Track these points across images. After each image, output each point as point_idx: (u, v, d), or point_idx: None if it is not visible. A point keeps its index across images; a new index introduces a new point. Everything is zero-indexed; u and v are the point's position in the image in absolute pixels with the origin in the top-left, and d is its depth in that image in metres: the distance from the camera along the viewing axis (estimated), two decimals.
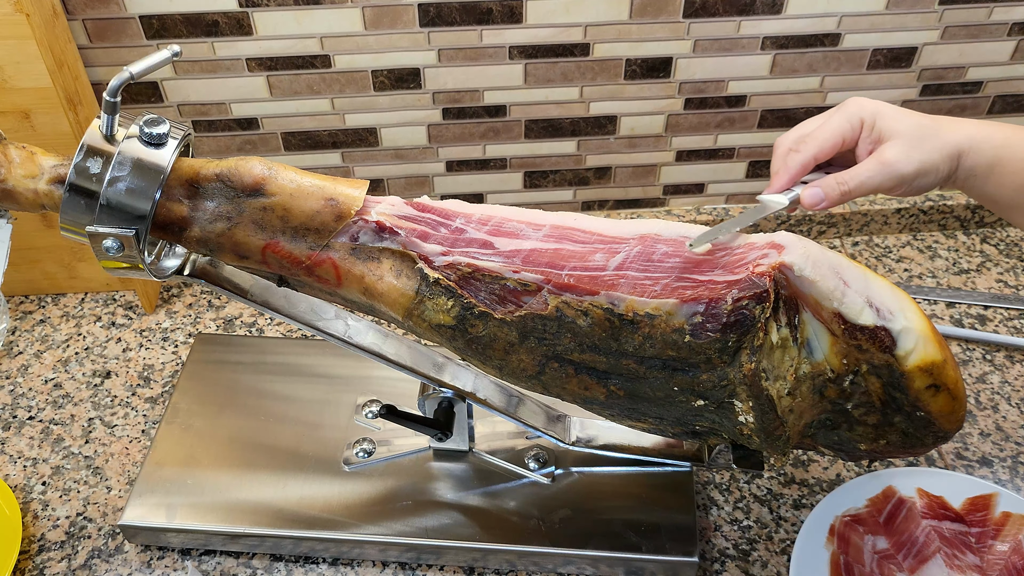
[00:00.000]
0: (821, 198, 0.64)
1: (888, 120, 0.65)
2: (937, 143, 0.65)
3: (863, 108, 0.66)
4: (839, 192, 0.64)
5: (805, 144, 0.66)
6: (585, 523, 0.78)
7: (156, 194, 0.60)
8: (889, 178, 0.64)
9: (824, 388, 0.65)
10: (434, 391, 0.77)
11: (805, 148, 0.65)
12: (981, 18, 0.96)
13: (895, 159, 0.64)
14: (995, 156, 0.65)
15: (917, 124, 0.65)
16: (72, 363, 0.97)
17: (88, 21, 0.90)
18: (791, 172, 0.65)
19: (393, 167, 1.05)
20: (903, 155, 0.64)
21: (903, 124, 0.65)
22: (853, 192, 0.64)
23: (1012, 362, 0.96)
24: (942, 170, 0.65)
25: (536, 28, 0.93)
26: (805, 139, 0.66)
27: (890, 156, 0.64)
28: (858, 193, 0.64)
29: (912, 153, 0.64)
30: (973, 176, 0.66)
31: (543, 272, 0.62)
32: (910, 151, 0.64)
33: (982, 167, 0.65)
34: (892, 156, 0.64)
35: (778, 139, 0.68)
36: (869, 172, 0.64)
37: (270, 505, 0.79)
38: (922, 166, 0.64)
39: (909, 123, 0.65)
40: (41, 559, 0.80)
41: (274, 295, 0.71)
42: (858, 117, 0.65)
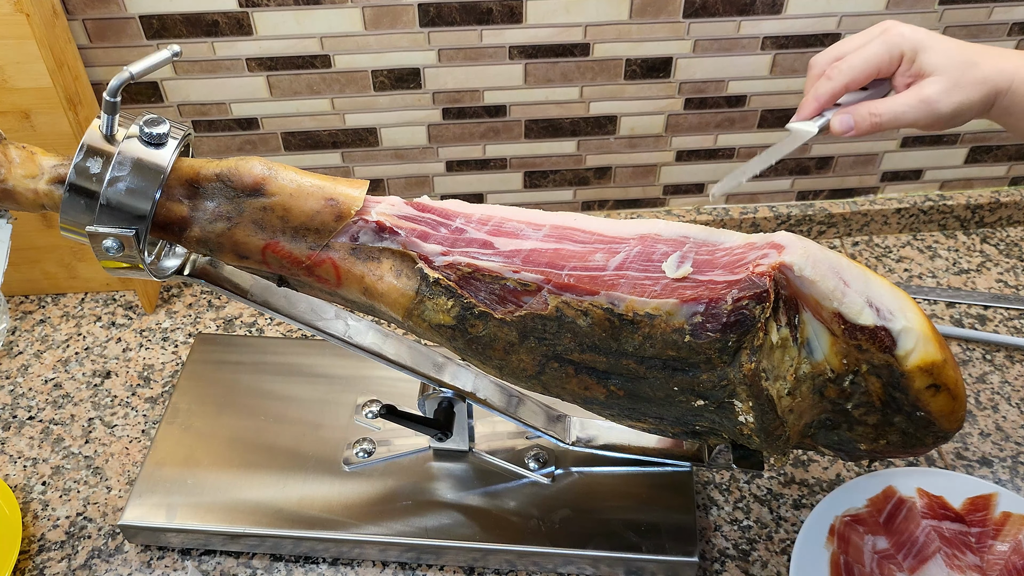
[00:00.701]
0: (851, 126, 0.63)
1: (930, 53, 0.63)
2: (977, 80, 0.63)
3: (904, 38, 0.64)
4: (871, 123, 0.63)
5: (838, 71, 0.64)
6: (585, 523, 0.78)
7: (156, 194, 0.60)
8: (926, 115, 0.63)
9: (824, 388, 0.65)
10: (434, 391, 0.77)
11: (837, 76, 0.64)
12: (981, 18, 0.96)
13: (936, 97, 0.62)
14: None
15: (960, 60, 0.63)
16: (72, 363, 0.97)
17: (88, 21, 0.90)
18: (820, 100, 0.64)
19: (393, 167, 1.05)
20: (944, 94, 0.62)
21: (946, 59, 0.63)
22: (886, 124, 0.63)
23: (1012, 362, 0.96)
24: (977, 108, 0.64)
25: (536, 28, 0.93)
26: (839, 65, 0.64)
27: (931, 93, 0.62)
28: (891, 126, 0.63)
29: (953, 92, 0.62)
30: (1009, 114, 0.65)
31: (543, 272, 0.62)
32: (952, 89, 0.62)
33: (1018, 107, 0.64)
34: (933, 94, 0.62)
35: (813, 58, 0.66)
36: (907, 106, 0.63)
37: (270, 505, 0.79)
38: (960, 106, 0.63)
39: (952, 58, 0.63)
40: (41, 559, 0.80)
41: (274, 295, 0.71)
42: (899, 48, 0.64)
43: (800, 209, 1.11)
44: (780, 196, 1.11)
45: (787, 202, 1.12)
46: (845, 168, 1.09)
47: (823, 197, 1.12)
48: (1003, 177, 1.12)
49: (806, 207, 1.11)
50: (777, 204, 1.12)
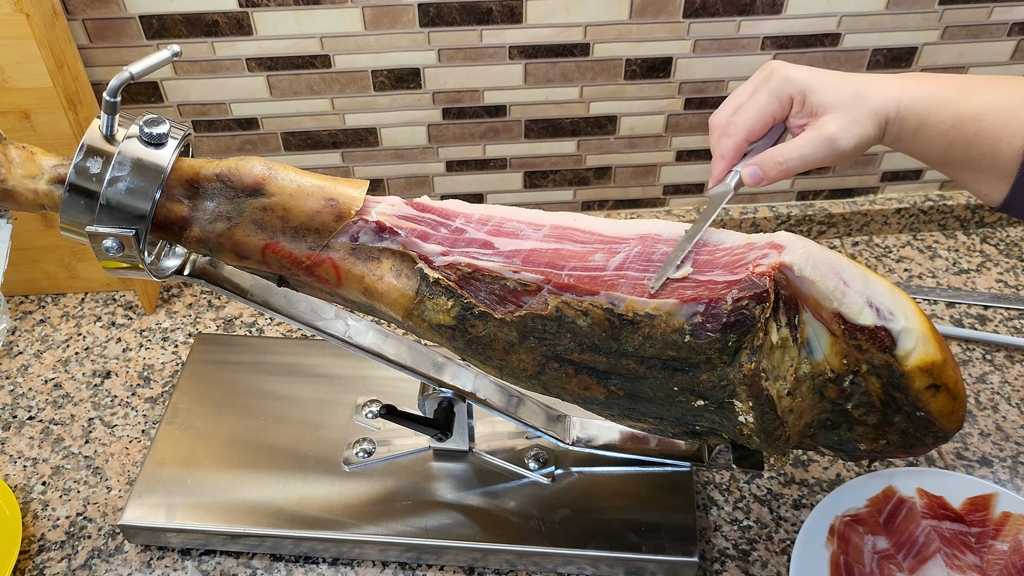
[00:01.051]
0: (760, 177, 0.64)
1: (819, 93, 0.64)
2: (869, 113, 0.64)
3: (790, 82, 0.65)
4: (778, 170, 0.64)
5: (735, 127, 0.65)
6: (585, 523, 0.78)
7: (156, 194, 0.60)
8: (830, 153, 0.64)
9: (824, 388, 0.65)
10: (434, 391, 0.77)
11: (735, 131, 0.65)
12: (981, 18, 0.96)
13: (837, 135, 0.63)
14: (920, 121, 0.65)
15: (849, 94, 0.64)
16: (72, 363, 0.97)
17: (88, 21, 0.90)
18: (727, 158, 0.65)
19: (393, 167, 1.05)
20: (843, 130, 0.63)
21: (835, 96, 0.64)
22: (793, 169, 0.64)
23: (1012, 362, 0.96)
24: (874, 139, 0.65)
25: (536, 28, 0.93)
26: (734, 121, 0.65)
27: (832, 131, 0.63)
28: (798, 169, 0.64)
29: (851, 128, 0.63)
30: (899, 140, 0.66)
31: (543, 272, 0.62)
32: (849, 125, 0.63)
33: (908, 131, 0.65)
34: (834, 131, 0.63)
35: (711, 118, 0.68)
36: (811, 148, 0.64)
37: (270, 505, 0.79)
38: (860, 139, 0.64)
39: (840, 94, 0.64)
40: (41, 559, 0.80)
41: (274, 295, 0.71)
42: (787, 93, 0.65)
43: (800, 209, 1.11)
44: (780, 196, 1.11)
45: (787, 202, 1.12)
46: (845, 168, 1.09)
47: (823, 197, 1.12)
48: None
49: (806, 207, 1.11)
50: (777, 204, 1.12)
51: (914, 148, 0.67)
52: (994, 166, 0.65)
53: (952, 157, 0.66)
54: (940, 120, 0.65)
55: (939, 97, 0.65)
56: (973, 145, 0.65)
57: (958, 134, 0.65)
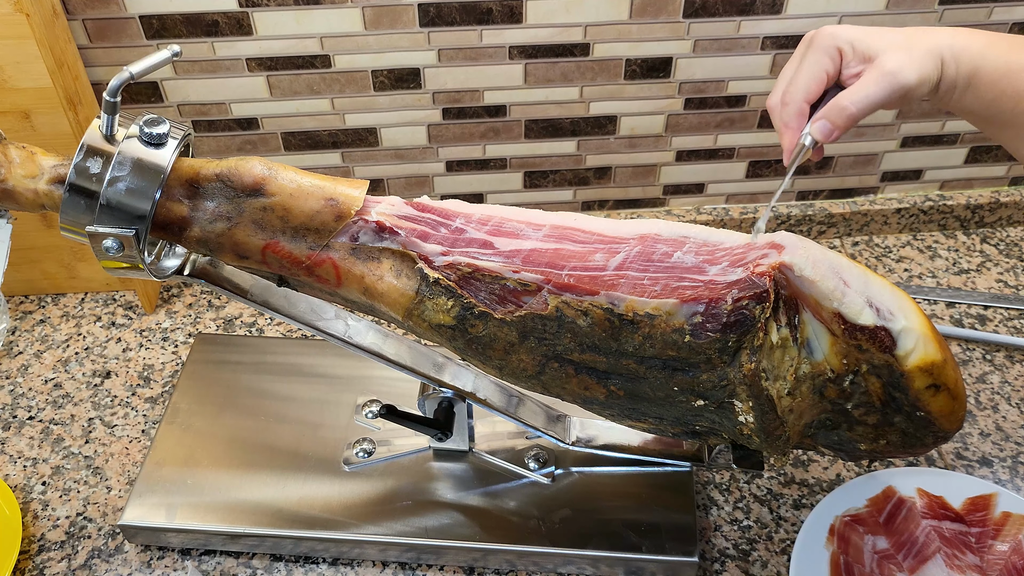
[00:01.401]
0: (831, 129, 0.63)
1: (867, 39, 0.63)
2: (924, 50, 0.63)
3: (836, 37, 0.64)
4: (845, 117, 0.63)
5: (791, 95, 0.64)
6: (585, 523, 0.78)
7: (156, 194, 0.60)
8: (896, 89, 0.62)
9: (824, 388, 0.65)
10: (434, 391, 0.77)
11: (792, 98, 0.64)
12: (981, 18, 0.96)
13: (897, 68, 0.62)
14: (973, 66, 0.64)
15: (898, 36, 0.63)
16: (72, 363, 0.97)
17: (88, 21, 0.90)
18: (792, 126, 0.64)
19: (393, 167, 1.05)
20: (904, 64, 0.62)
21: (885, 39, 0.63)
22: (860, 111, 0.62)
23: (1012, 362, 0.96)
24: (933, 78, 0.63)
25: (536, 28, 0.93)
26: (790, 89, 0.65)
27: (892, 67, 0.62)
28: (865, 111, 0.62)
29: (911, 62, 0.62)
30: (953, 88, 0.65)
31: (543, 272, 0.62)
32: (909, 59, 0.62)
33: (962, 77, 0.64)
34: (894, 66, 0.62)
35: (767, 101, 0.67)
36: (874, 86, 0.62)
37: (270, 505, 0.79)
38: (921, 73, 0.62)
39: (889, 36, 0.63)
40: (41, 559, 0.80)
41: (274, 295, 0.71)
42: (835, 47, 0.64)
43: (800, 209, 1.11)
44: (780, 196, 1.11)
45: (787, 202, 1.12)
46: (845, 168, 1.09)
47: (823, 197, 1.12)
48: (1003, 177, 1.12)
49: (806, 207, 1.11)
50: (777, 204, 1.12)
51: (966, 99, 0.65)
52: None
53: (1000, 111, 0.65)
54: (993, 68, 0.63)
55: (990, 45, 0.64)
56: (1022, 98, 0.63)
57: (1008, 84, 0.63)
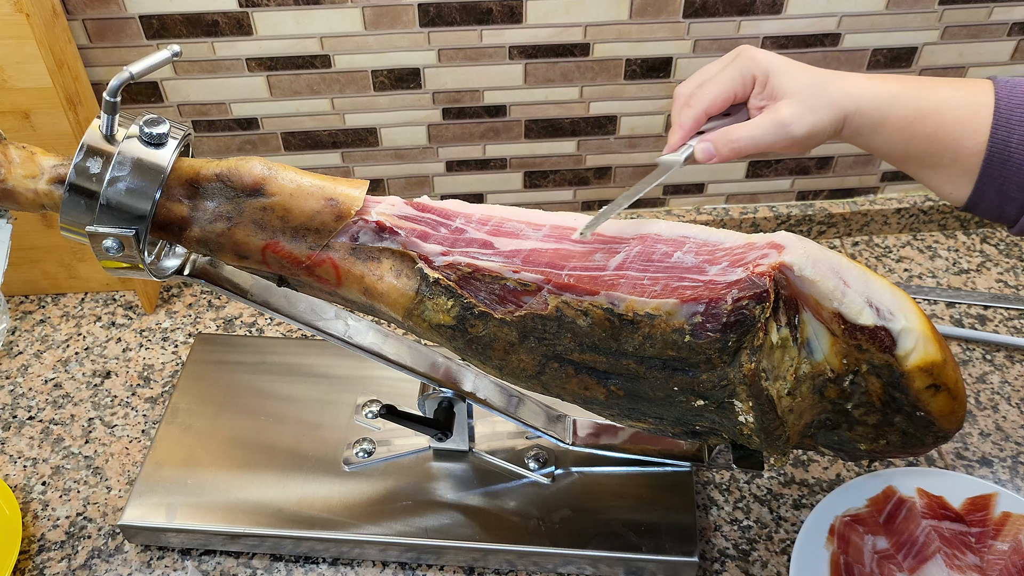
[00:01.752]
0: (712, 154, 0.65)
1: (781, 77, 0.65)
2: (827, 103, 0.65)
3: (756, 63, 0.66)
4: (730, 148, 0.65)
5: (697, 99, 0.66)
6: (585, 523, 0.78)
7: (156, 194, 0.60)
8: (782, 138, 0.64)
9: (824, 388, 0.65)
10: (434, 391, 0.77)
11: (696, 103, 0.66)
12: (981, 18, 0.96)
13: (790, 120, 0.64)
14: (880, 116, 0.65)
15: (809, 82, 0.65)
16: (72, 363, 0.97)
17: (88, 21, 0.90)
18: (684, 128, 0.66)
19: (393, 167, 1.05)
20: (797, 116, 0.64)
21: (795, 82, 0.65)
22: (744, 149, 0.65)
23: (1012, 362, 0.96)
24: (829, 130, 0.66)
25: (536, 28, 0.93)
26: (697, 93, 0.66)
27: (785, 116, 0.64)
28: (749, 150, 0.65)
29: (805, 115, 0.64)
30: (859, 135, 0.67)
31: (543, 272, 0.62)
32: (804, 112, 0.64)
33: (867, 127, 0.66)
34: (787, 117, 0.64)
35: (676, 88, 0.68)
36: (762, 130, 0.64)
37: (270, 505, 0.79)
38: (813, 128, 0.64)
39: (801, 81, 0.65)
40: (41, 559, 0.80)
41: (274, 295, 0.71)
42: (751, 72, 0.66)
43: (800, 209, 1.11)
44: (780, 196, 1.11)
45: (787, 202, 1.12)
46: (845, 168, 1.09)
47: (823, 197, 1.12)
48: None
49: (806, 207, 1.11)
50: (777, 204, 1.12)
51: (875, 143, 0.67)
52: (956, 162, 0.66)
53: (914, 153, 0.67)
54: (902, 115, 0.65)
55: (901, 93, 0.66)
56: (935, 140, 0.65)
57: (919, 128, 0.65)
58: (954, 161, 0.66)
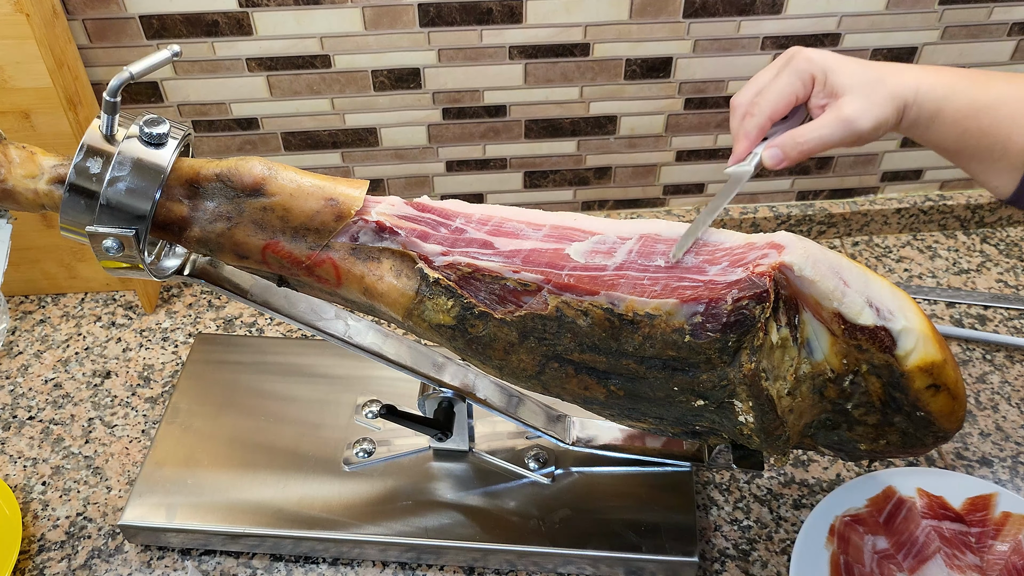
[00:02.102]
0: (781, 158, 0.65)
1: (840, 75, 0.65)
2: (887, 96, 0.65)
3: (812, 63, 0.66)
4: (798, 151, 0.65)
5: (759, 107, 0.66)
6: (585, 523, 0.78)
7: (156, 194, 0.60)
8: (849, 134, 0.65)
9: (824, 388, 0.65)
10: (434, 391, 0.77)
11: (759, 111, 0.66)
12: (981, 18, 0.96)
13: (855, 116, 0.64)
14: (936, 107, 0.66)
15: (867, 76, 0.65)
16: (72, 363, 0.97)
17: (88, 21, 0.90)
18: (750, 138, 0.66)
19: (393, 167, 1.05)
20: (862, 111, 0.64)
21: (855, 77, 0.65)
22: (813, 150, 0.65)
23: (1012, 362, 0.96)
24: (892, 122, 0.66)
25: (536, 28, 0.93)
26: (758, 101, 0.66)
27: (849, 112, 0.64)
28: (818, 150, 0.65)
29: (870, 108, 0.64)
30: (916, 126, 0.67)
31: (543, 272, 0.62)
32: (868, 106, 0.64)
33: (924, 118, 0.66)
34: (852, 112, 0.64)
35: (733, 99, 0.68)
36: (829, 129, 0.64)
37: (270, 505, 0.79)
38: (878, 121, 0.65)
39: (860, 76, 0.65)
40: (41, 559, 0.80)
41: (274, 295, 0.71)
42: (808, 73, 0.66)
43: (800, 209, 1.11)
44: (780, 196, 1.11)
45: (787, 202, 1.12)
46: (845, 168, 1.09)
47: (823, 197, 1.12)
48: None
49: (806, 207, 1.11)
50: (777, 204, 1.12)
51: (929, 136, 0.67)
52: (1005, 157, 0.66)
53: (965, 146, 0.67)
54: (956, 108, 0.65)
55: (956, 86, 0.66)
56: (986, 135, 0.65)
57: (972, 123, 0.65)
58: (1003, 156, 0.66)
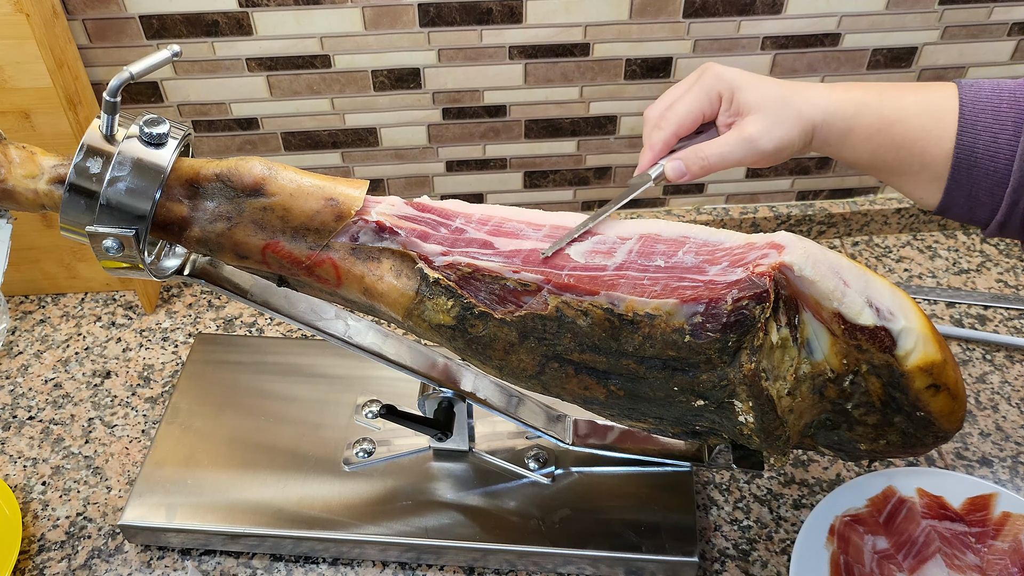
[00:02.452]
0: (683, 171, 0.66)
1: (746, 93, 0.66)
2: (793, 117, 0.65)
3: (720, 80, 0.66)
4: (700, 166, 0.66)
5: (666, 120, 0.67)
6: (585, 523, 0.78)
7: (156, 194, 0.60)
8: (750, 153, 0.65)
9: (824, 388, 0.65)
10: (434, 391, 0.77)
11: (666, 125, 0.67)
12: (981, 18, 0.96)
13: (757, 136, 0.65)
14: (847, 125, 0.66)
15: (775, 97, 0.66)
16: (72, 363, 0.97)
17: (88, 21, 0.90)
18: (655, 150, 0.67)
19: (393, 167, 1.05)
20: (764, 132, 0.65)
21: (761, 98, 0.65)
22: (714, 166, 0.66)
23: (1012, 362, 0.96)
24: (797, 144, 0.66)
25: (536, 28, 0.93)
26: (666, 115, 0.67)
27: (751, 132, 0.65)
28: (719, 167, 0.66)
29: (772, 129, 0.65)
30: (827, 145, 0.67)
31: (543, 272, 0.62)
32: (771, 127, 0.65)
33: (835, 137, 0.66)
34: (754, 132, 0.65)
35: (646, 111, 0.69)
36: (730, 147, 0.65)
37: (270, 505, 0.79)
38: (781, 142, 0.65)
39: (767, 96, 0.65)
40: (41, 559, 0.80)
41: (274, 295, 0.71)
42: (716, 91, 0.66)
43: (800, 209, 1.11)
44: (780, 196, 1.11)
45: (787, 202, 1.12)
46: (845, 168, 1.09)
47: (823, 197, 1.12)
48: None
49: (806, 207, 1.11)
50: (777, 204, 1.12)
51: (843, 153, 0.68)
52: (925, 169, 0.66)
53: (882, 161, 0.67)
54: (866, 124, 0.66)
55: (864, 102, 0.66)
56: (901, 148, 0.66)
57: (885, 137, 0.66)
58: (923, 168, 0.66)
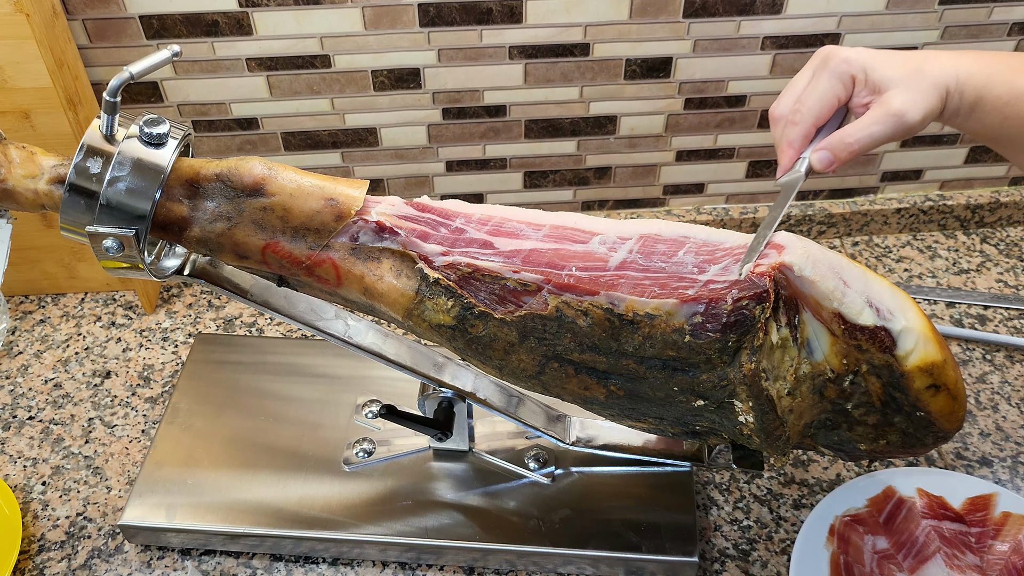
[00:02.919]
0: (831, 160, 0.64)
1: (880, 70, 0.64)
2: (931, 85, 0.63)
3: (850, 63, 0.64)
4: (848, 151, 0.63)
5: (800, 114, 0.65)
6: (585, 523, 0.78)
7: (156, 194, 0.60)
8: (899, 128, 0.63)
9: (824, 388, 0.65)
10: (434, 391, 0.77)
11: (801, 118, 0.65)
12: (981, 18, 0.96)
13: (904, 109, 0.62)
14: (977, 96, 0.64)
15: (910, 69, 0.64)
16: (72, 363, 0.97)
17: (88, 21, 0.90)
18: (795, 146, 0.65)
19: (393, 167, 1.05)
20: (910, 104, 0.62)
21: (897, 72, 0.63)
22: (864, 148, 0.63)
23: (1012, 362, 0.96)
24: (938, 110, 0.64)
25: (536, 28, 0.93)
26: (799, 108, 0.65)
27: (898, 107, 0.62)
28: (868, 148, 0.63)
29: (917, 101, 0.63)
30: (957, 115, 0.66)
31: (543, 272, 0.62)
32: (915, 98, 0.63)
33: (966, 106, 0.65)
34: (901, 106, 0.62)
35: (772, 109, 0.67)
36: (879, 125, 0.63)
37: (270, 505, 0.79)
38: (926, 111, 0.63)
39: (902, 69, 0.64)
40: (41, 559, 0.80)
41: (274, 295, 0.71)
42: (848, 74, 0.64)
43: (800, 209, 1.11)
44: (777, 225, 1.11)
45: None
46: (845, 168, 1.09)
47: (823, 197, 1.12)
48: (1003, 177, 1.12)
49: (806, 207, 1.11)
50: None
51: (970, 123, 0.66)
52: None
53: (1008, 134, 0.65)
54: (996, 95, 0.64)
55: (995, 72, 0.64)
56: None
57: (1012, 110, 0.64)
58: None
